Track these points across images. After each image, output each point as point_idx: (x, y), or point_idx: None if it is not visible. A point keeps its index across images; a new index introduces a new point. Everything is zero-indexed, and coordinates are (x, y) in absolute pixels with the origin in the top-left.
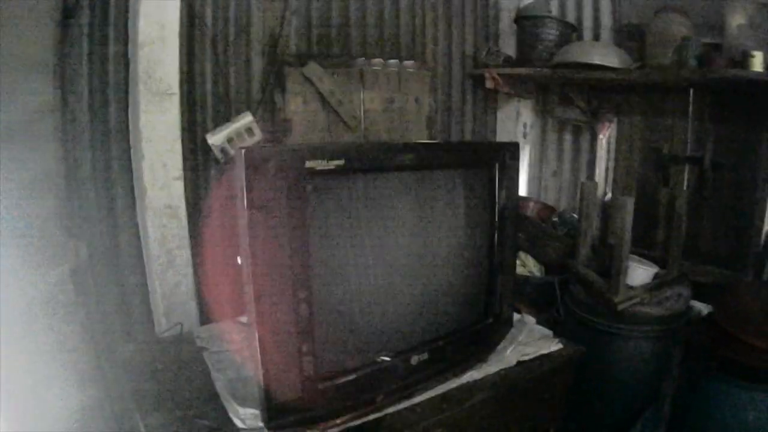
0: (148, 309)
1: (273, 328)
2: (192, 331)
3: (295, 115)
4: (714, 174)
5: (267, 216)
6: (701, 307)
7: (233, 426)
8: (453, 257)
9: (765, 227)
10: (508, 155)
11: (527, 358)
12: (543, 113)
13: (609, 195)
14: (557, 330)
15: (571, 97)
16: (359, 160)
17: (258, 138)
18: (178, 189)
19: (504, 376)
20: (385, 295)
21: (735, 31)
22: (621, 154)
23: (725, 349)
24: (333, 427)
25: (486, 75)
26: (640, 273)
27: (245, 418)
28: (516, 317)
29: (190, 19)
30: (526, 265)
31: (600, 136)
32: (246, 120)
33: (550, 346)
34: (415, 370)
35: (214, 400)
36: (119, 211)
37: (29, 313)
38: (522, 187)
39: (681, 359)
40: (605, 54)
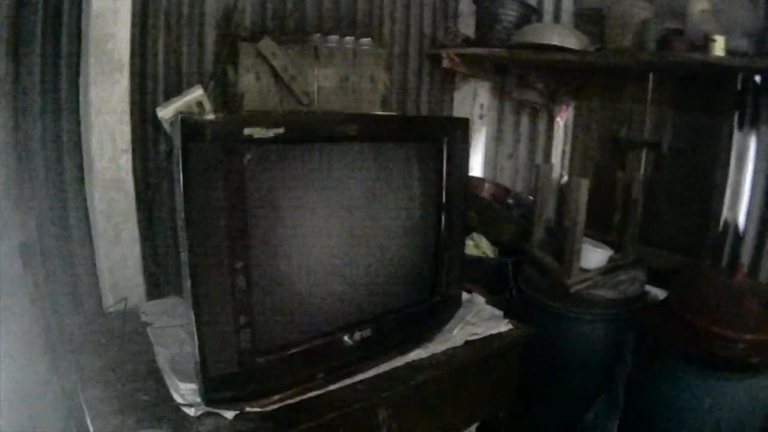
0: (95, 283)
1: (209, 299)
2: (138, 306)
3: (247, 91)
4: (672, 159)
5: (203, 184)
6: (657, 292)
7: (173, 401)
8: (398, 233)
9: (723, 213)
10: (457, 131)
11: (476, 338)
12: (500, 95)
13: (565, 178)
14: (510, 312)
15: (529, 79)
16: (300, 129)
17: (208, 112)
18: (126, 162)
19: (451, 355)
20: (328, 269)
21: (697, 16)
22: (578, 137)
23: (680, 335)
24: (272, 403)
25: (443, 55)
26: (594, 256)
27: (185, 393)
28: (465, 297)
29: None
30: (479, 247)
31: (557, 119)
32: (196, 94)
33: (499, 326)
34: (358, 347)
35: (155, 375)
36: (68, 184)
37: None
38: (478, 169)
39: (635, 344)
40: (564, 35)
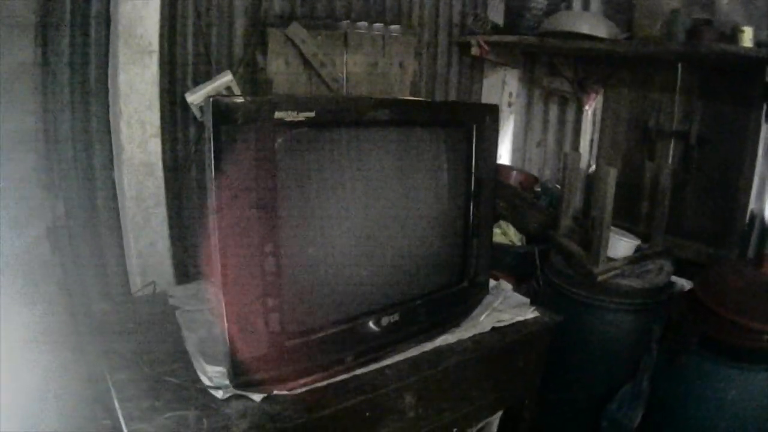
0: (124, 268)
1: (239, 282)
2: (166, 291)
3: (277, 76)
4: (700, 149)
5: (234, 167)
6: (683, 283)
7: (201, 384)
8: (427, 218)
9: (750, 205)
10: (487, 117)
11: (502, 324)
12: (529, 83)
13: (593, 167)
14: (537, 300)
15: (558, 68)
16: (331, 113)
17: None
18: (155, 147)
19: (478, 341)
20: (356, 254)
21: (726, 7)
22: (607, 126)
23: (706, 326)
24: (300, 387)
25: (472, 42)
26: (621, 245)
27: (213, 375)
28: (492, 284)
29: None
30: (507, 235)
31: (586, 107)
32: (225, 79)
33: (526, 313)
34: (386, 331)
35: (183, 358)
36: (97, 169)
37: (5, 272)
38: (506, 157)
39: (661, 334)
40: (593, 24)
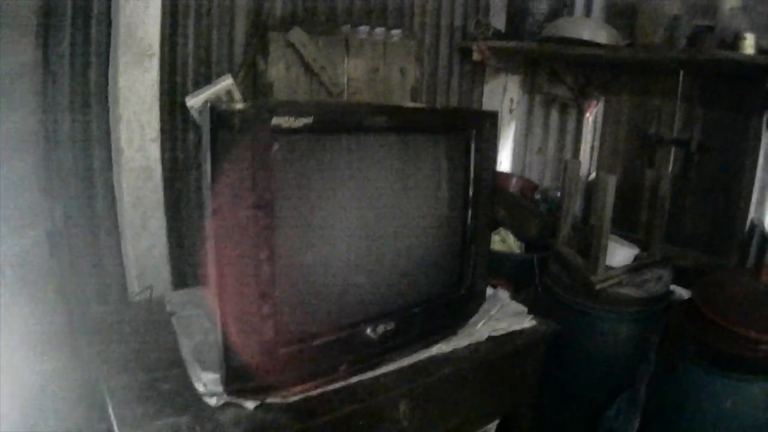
0: (122, 272)
1: (234, 288)
2: (163, 295)
3: (277, 80)
4: (700, 157)
5: (231, 173)
6: (682, 292)
7: (195, 390)
8: (424, 225)
9: (750, 213)
10: (485, 124)
11: (499, 333)
12: (530, 89)
13: (593, 174)
14: (535, 308)
15: (559, 74)
16: (328, 119)
17: (238, 102)
18: (154, 151)
19: (474, 350)
20: (353, 261)
21: (728, 14)
22: (607, 133)
23: (704, 335)
24: (294, 394)
25: (474, 48)
26: (620, 253)
27: (207, 382)
28: (490, 292)
29: None
30: (506, 242)
31: (587, 114)
32: (226, 83)
33: (523, 322)
34: (382, 339)
35: (178, 364)
36: (96, 173)
37: (3, 275)
38: (506, 163)
39: (659, 343)
40: (594, 30)
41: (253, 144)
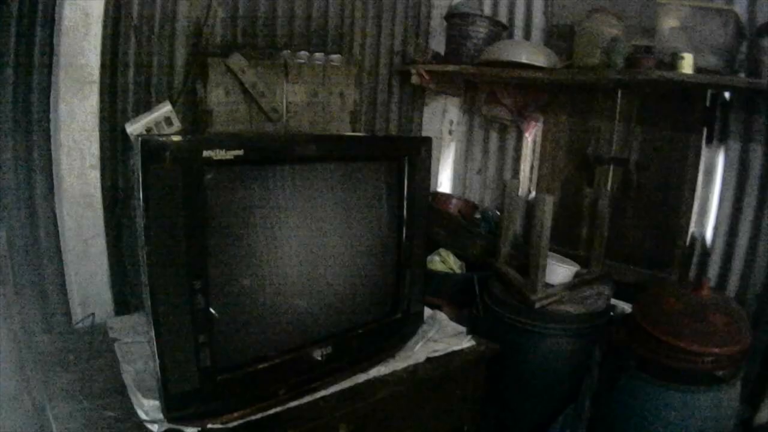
0: (65, 298)
1: (169, 318)
2: (106, 322)
3: (217, 106)
4: (639, 175)
5: (163, 204)
6: (624, 307)
7: (137, 417)
8: (360, 250)
9: (691, 228)
10: (419, 150)
11: (437, 354)
12: (470, 111)
13: (533, 194)
14: (477, 327)
15: (498, 96)
16: (260, 150)
17: (177, 128)
18: (94, 178)
19: (412, 371)
20: (289, 288)
21: (667, 34)
22: (547, 153)
23: (644, 348)
24: (234, 419)
25: (413, 71)
26: (560, 271)
27: (148, 409)
28: (428, 313)
29: (115, 7)
30: (446, 262)
31: (526, 134)
32: (165, 110)
33: (461, 342)
34: (320, 363)
35: (121, 391)
36: (38, 200)
37: None
38: (446, 185)
39: (601, 358)
40: (532, 53)
41: (185, 176)
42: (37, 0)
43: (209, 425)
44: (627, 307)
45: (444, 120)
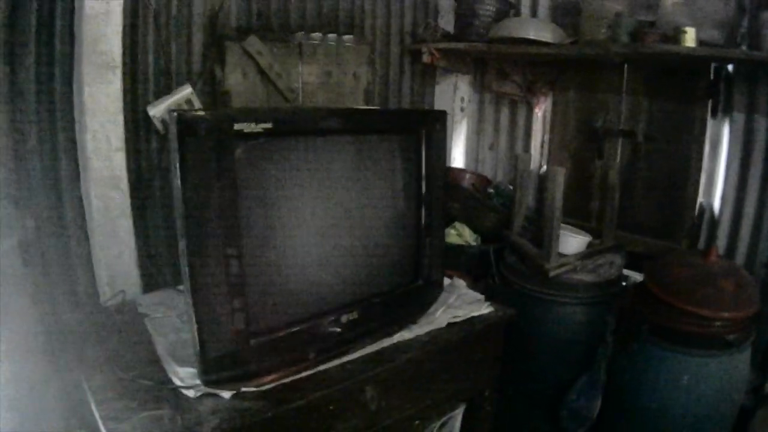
0: (93, 278)
1: (205, 284)
2: (134, 299)
3: (235, 88)
4: (647, 147)
5: (198, 176)
6: (636, 276)
7: (173, 384)
8: (382, 220)
9: (699, 198)
10: (435, 122)
11: (458, 319)
12: (480, 88)
13: (544, 167)
14: (493, 298)
15: (508, 72)
16: (287, 123)
17: (198, 109)
18: (120, 160)
19: (434, 336)
20: (316, 256)
21: (669, 8)
22: (556, 127)
23: (656, 314)
24: (267, 383)
25: (423, 50)
26: (573, 242)
27: (183, 376)
28: (447, 282)
29: None
30: (462, 236)
31: (536, 110)
32: (186, 92)
33: (481, 308)
34: (346, 329)
35: (155, 362)
36: (64, 183)
37: None
38: (459, 160)
39: (615, 325)
40: (539, 29)
41: (218, 148)
42: None
43: (243, 388)
44: (638, 277)
45: (455, 97)
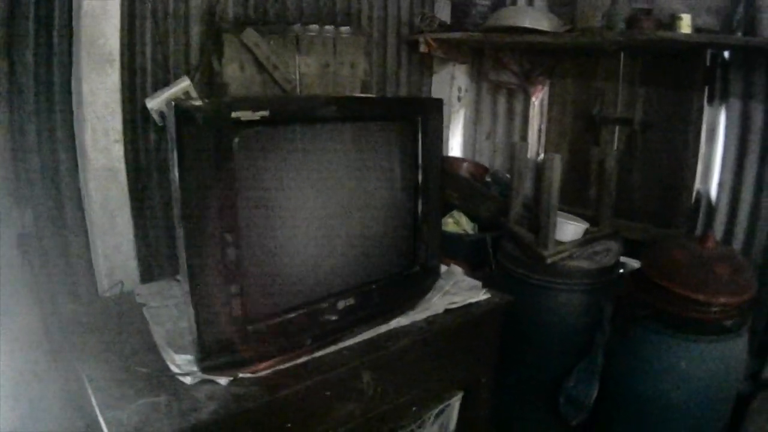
0: (91, 270)
1: (202, 271)
2: (133, 290)
3: (232, 80)
4: (644, 134)
5: (196, 165)
6: (633, 263)
7: (170, 372)
8: (379, 207)
9: (696, 184)
10: (431, 110)
11: (455, 306)
12: (477, 77)
13: (542, 155)
14: (491, 285)
15: (504, 61)
16: (284, 111)
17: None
18: (118, 152)
19: (431, 322)
20: (313, 242)
21: None
22: (553, 116)
23: (653, 299)
24: (263, 369)
25: (420, 40)
26: (570, 229)
27: (181, 364)
28: (444, 269)
29: None
30: (459, 224)
31: (533, 98)
32: (183, 84)
33: (478, 295)
34: (343, 315)
35: (153, 350)
36: (63, 176)
37: None
38: (457, 149)
39: (612, 312)
40: (536, 18)
41: (216, 136)
42: None
43: (240, 374)
44: (635, 264)
45: (452, 87)
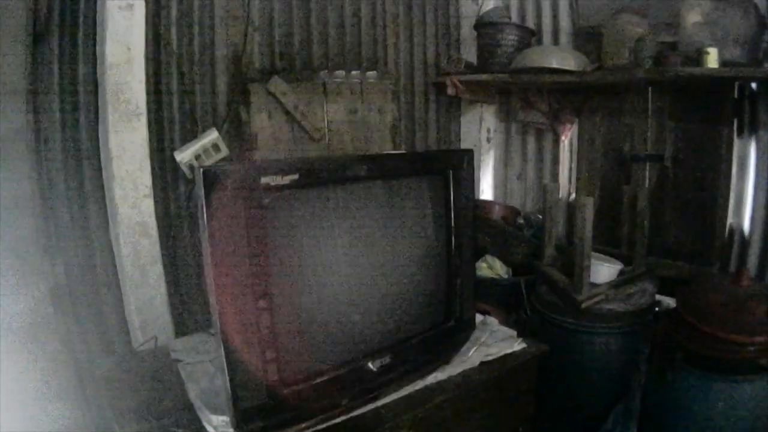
0: (125, 324)
1: (237, 336)
2: (167, 344)
3: (261, 130)
4: (675, 170)
5: (227, 231)
6: (668, 302)
7: None
8: (411, 262)
9: (728, 219)
10: (462, 161)
11: (490, 358)
12: (506, 117)
13: (573, 195)
14: (525, 330)
15: (532, 101)
16: (312, 174)
17: (224, 153)
18: (148, 206)
19: (467, 376)
20: (346, 302)
21: (690, 29)
22: (583, 154)
23: (689, 341)
24: (301, 430)
25: (447, 82)
26: (604, 271)
27: (217, 425)
28: (479, 319)
29: (155, 40)
30: (493, 268)
31: (562, 137)
32: (212, 137)
33: (513, 345)
34: (379, 373)
35: (188, 409)
36: (93, 230)
37: (10, 332)
38: (487, 191)
39: (649, 353)
40: (562, 57)
41: (245, 202)
42: (77, 37)
43: None
44: (671, 302)
45: (481, 128)
